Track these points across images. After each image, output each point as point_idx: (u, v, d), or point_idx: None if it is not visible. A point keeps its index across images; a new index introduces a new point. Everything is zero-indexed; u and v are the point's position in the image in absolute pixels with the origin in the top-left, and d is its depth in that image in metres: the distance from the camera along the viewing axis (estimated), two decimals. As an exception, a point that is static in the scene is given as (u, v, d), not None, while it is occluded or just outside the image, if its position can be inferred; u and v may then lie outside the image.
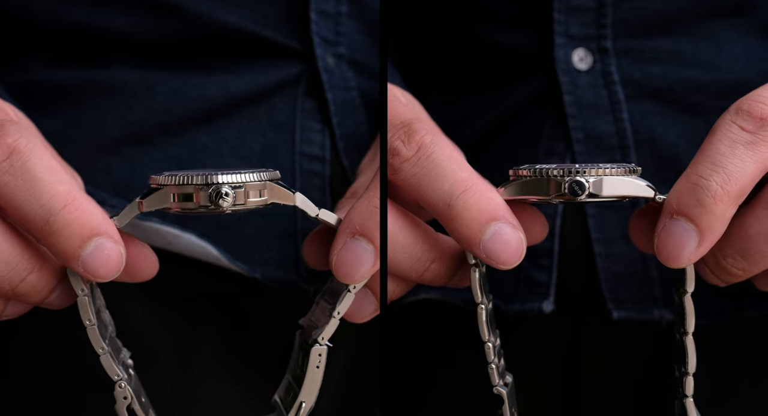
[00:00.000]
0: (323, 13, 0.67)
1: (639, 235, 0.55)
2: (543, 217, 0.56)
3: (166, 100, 0.66)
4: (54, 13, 0.66)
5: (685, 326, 0.55)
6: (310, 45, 0.67)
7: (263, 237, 0.66)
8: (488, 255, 0.52)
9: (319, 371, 0.56)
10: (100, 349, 0.54)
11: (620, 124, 0.67)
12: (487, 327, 0.55)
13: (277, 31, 0.67)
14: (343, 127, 0.68)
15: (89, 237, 0.51)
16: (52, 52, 0.67)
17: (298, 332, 0.60)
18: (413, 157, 0.53)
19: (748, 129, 0.51)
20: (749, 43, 0.67)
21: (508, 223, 0.52)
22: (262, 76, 0.67)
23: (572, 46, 0.67)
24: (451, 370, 0.72)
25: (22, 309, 0.55)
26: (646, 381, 0.69)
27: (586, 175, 0.52)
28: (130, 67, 0.66)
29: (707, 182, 0.50)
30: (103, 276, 0.52)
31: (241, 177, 0.52)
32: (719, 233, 0.51)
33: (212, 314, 0.67)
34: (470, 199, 0.52)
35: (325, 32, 0.67)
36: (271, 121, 0.67)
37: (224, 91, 0.66)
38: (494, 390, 0.56)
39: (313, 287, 0.66)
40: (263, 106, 0.67)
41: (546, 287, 0.67)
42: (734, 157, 0.50)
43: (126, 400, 0.55)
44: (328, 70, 0.68)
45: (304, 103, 0.68)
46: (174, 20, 0.65)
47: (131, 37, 0.66)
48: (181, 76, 0.66)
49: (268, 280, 0.65)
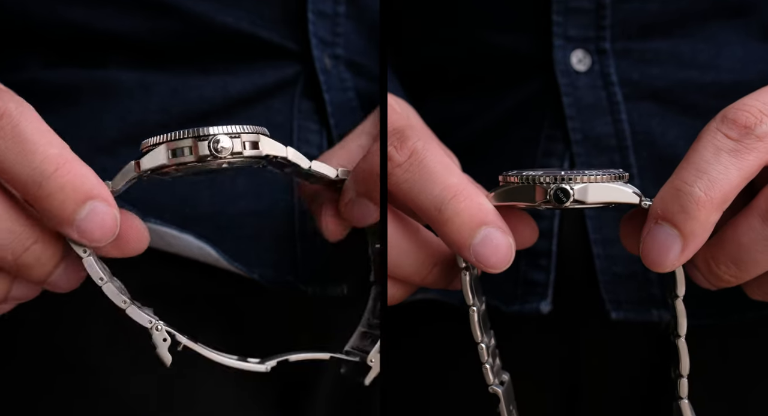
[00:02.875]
0: (321, 13, 0.68)
1: (628, 238, 0.55)
2: (533, 222, 0.57)
3: (164, 101, 0.66)
4: (51, 13, 0.66)
5: (678, 329, 0.56)
6: (307, 46, 0.67)
7: (261, 239, 0.66)
8: (478, 259, 0.53)
9: None
10: (122, 303, 0.54)
11: (619, 125, 0.67)
12: (479, 328, 0.56)
13: (274, 32, 0.67)
14: (341, 127, 0.68)
15: (83, 201, 0.51)
16: (50, 51, 0.67)
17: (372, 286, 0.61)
18: (405, 163, 0.54)
19: (733, 137, 0.51)
20: (748, 44, 0.67)
21: (497, 228, 0.53)
22: (260, 77, 0.67)
23: (571, 47, 0.68)
24: (451, 370, 0.72)
25: (29, 293, 0.55)
26: (645, 382, 0.69)
27: (572, 183, 0.53)
28: (128, 68, 0.67)
29: (691, 188, 0.50)
30: (98, 240, 0.51)
31: (234, 127, 0.53)
32: (703, 238, 0.51)
33: (210, 314, 0.68)
34: (460, 204, 0.53)
35: (323, 33, 0.68)
36: (269, 122, 0.67)
37: (222, 91, 0.67)
38: (489, 389, 0.57)
39: (311, 288, 0.67)
40: (261, 106, 0.67)
41: (544, 288, 0.67)
42: (718, 164, 0.50)
43: (166, 342, 0.55)
44: (325, 70, 0.68)
45: (302, 104, 0.68)
46: (171, 21, 0.66)
47: (129, 38, 0.66)
48: (179, 76, 0.66)
49: (266, 281, 0.66)
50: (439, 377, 0.73)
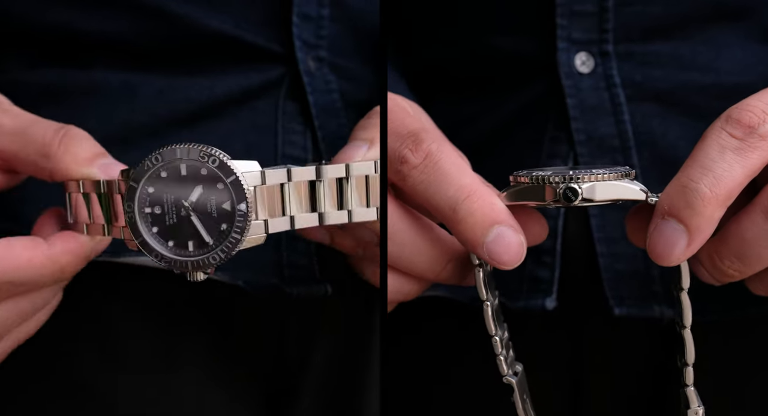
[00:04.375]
0: (305, 16, 0.68)
1: (634, 232, 0.57)
2: (543, 219, 0.58)
3: (150, 102, 0.66)
4: (35, 14, 0.66)
5: (683, 320, 0.57)
6: (291, 48, 0.68)
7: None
8: (491, 257, 0.55)
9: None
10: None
11: (621, 126, 0.68)
12: (493, 322, 0.58)
13: (258, 35, 0.67)
14: (325, 129, 0.69)
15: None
16: (34, 52, 0.67)
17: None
18: (421, 165, 0.56)
19: (737, 136, 0.52)
20: (748, 47, 0.68)
21: (509, 226, 0.55)
22: (245, 79, 0.68)
23: (574, 50, 0.68)
24: (456, 367, 0.73)
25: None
26: (648, 377, 0.70)
27: (579, 182, 0.54)
28: (113, 69, 0.67)
29: (697, 185, 0.52)
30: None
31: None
32: (708, 234, 0.53)
33: (196, 319, 0.68)
34: (474, 204, 0.55)
35: (307, 35, 0.68)
36: (254, 123, 0.68)
37: (208, 93, 0.67)
38: (504, 379, 0.58)
39: (296, 290, 0.68)
40: (246, 108, 0.68)
41: (549, 284, 0.68)
42: (723, 162, 0.52)
43: None
44: (309, 73, 0.68)
45: (286, 105, 0.68)
46: (157, 23, 0.66)
47: (114, 40, 0.66)
48: (164, 78, 0.67)
49: (251, 287, 0.67)
50: (443, 373, 0.74)
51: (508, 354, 0.59)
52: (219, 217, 0.55)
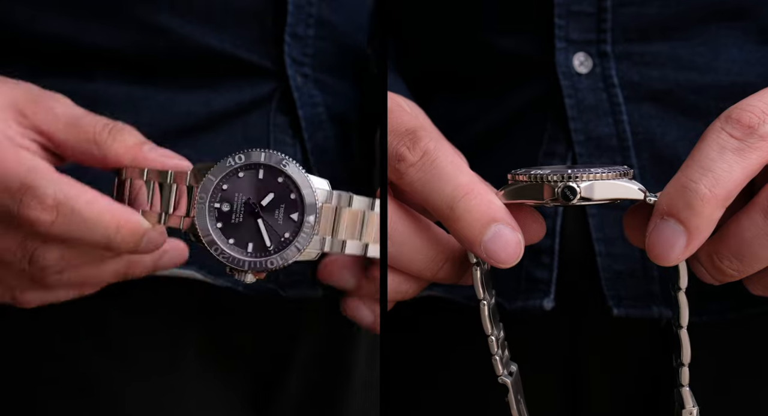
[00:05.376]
0: (295, 35, 0.70)
1: (631, 231, 0.57)
2: (541, 218, 0.58)
3: (153, 115, 0.68)
4: (36, 23, 0.67)
5: (680, 320, 0.57)
6: (282, 65, 0.70)
7: None
8: (488, 255, 0.54)
9: None
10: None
11: (620, 126, 0.68)
12: (489, 321, 0.58)
13: (253, 53, 0.70)
14: (313, 140, 0.71)
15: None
16: (37, 62, 0.68)
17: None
18: (418, 162, 0.56)
19: (737, 136, 0.52)
20: (746, 47, 0.68)
21: (507, 225, 0.54)
22: (239, 94, 0.70)
23: (573, 50, 0.68)
24: (451, 367, 0.73)
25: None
26: (646, 377, 0.70)
27: (578, 181, 0.54)
28: (116, 82, 0.68)
29: (696, 185, 0.52)
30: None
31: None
32: (707, 234, 0.53)
33: (195, 322, 0.69)
34: (471, 202, 0.54)
35: (295, 54, 0.71)
36: (247, 136, 0.70)
37: (206, 106, 0.69)
38: (498, 379, 0.58)
39: (291, 293, 0.69)
40: (240, 121, 0.70)
41: (547, 285, 0.68)
42: (723, 162, 0.52)
43: None
44: (298, 88, 0.71)
45: (277, 119, 0.71)
46: (159, 40, 0.68)
47: (116, 53, 0.68)
48: (165, 92, 0.69)
49: (250, 291, 0.67)
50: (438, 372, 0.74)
51: (504, 354, 0.59)
52: (284, 225, 0.58)
